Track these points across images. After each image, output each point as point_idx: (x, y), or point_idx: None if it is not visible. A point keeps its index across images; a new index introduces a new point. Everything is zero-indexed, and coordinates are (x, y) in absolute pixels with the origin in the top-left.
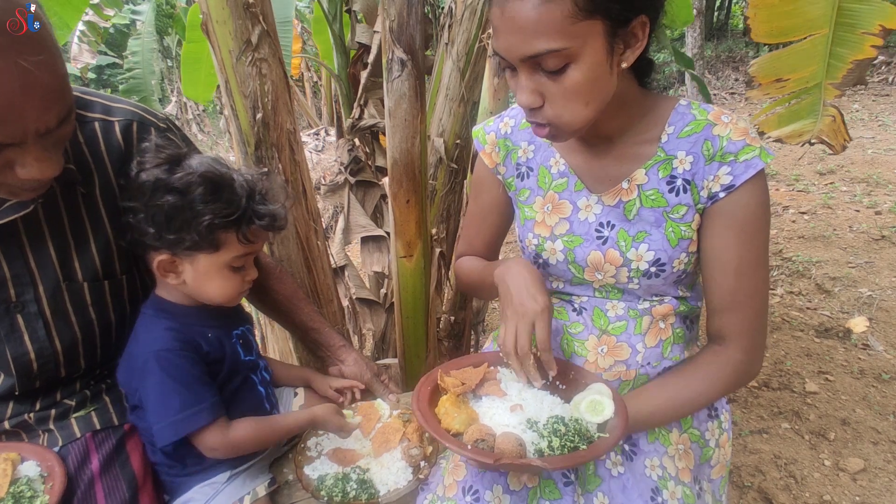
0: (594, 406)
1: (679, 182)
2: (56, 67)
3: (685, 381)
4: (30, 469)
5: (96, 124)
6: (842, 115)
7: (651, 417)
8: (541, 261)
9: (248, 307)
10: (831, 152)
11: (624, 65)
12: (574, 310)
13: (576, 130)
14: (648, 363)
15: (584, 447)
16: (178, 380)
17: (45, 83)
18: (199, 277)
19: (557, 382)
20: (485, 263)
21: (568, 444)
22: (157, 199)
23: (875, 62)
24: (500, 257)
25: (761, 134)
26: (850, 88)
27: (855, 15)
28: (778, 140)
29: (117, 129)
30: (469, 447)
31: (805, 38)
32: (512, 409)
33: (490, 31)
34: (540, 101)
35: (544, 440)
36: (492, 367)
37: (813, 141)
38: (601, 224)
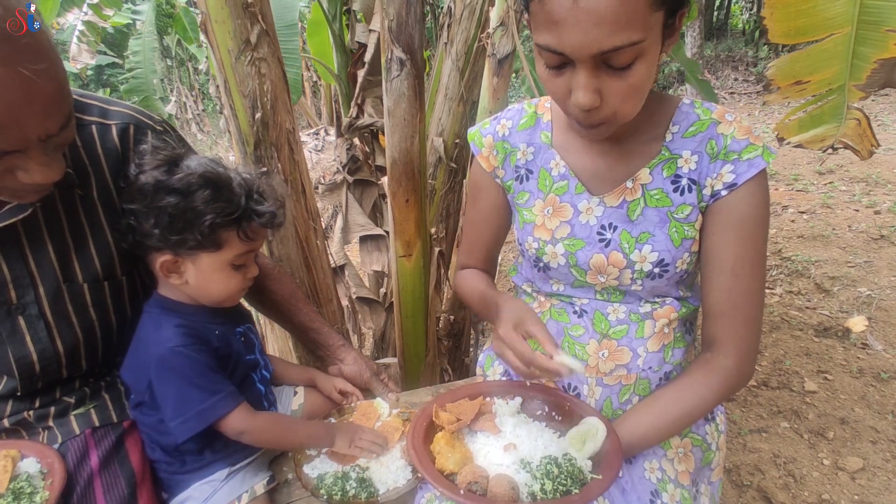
0: (587, 443)
1: (684, 182)
2: (57, 75)
3: (675, 396)
4: (30, 466)
5: (93, 127)
6: (867, 118)
7: (644, 439)
8: (541, 264)
9: (248, 307)
10: (859, 158)
11: (663, 56)
12: (575, 312)
13: (623, 125)
14: (650, 367)
15: (577, 490)
16: (196, 372)
17: (47, 91)
18: (202, 276)
19: (553, 413)
20: (484, 288)
21: (560, 487)
22: (159, 200)
23: None
24: (499, 259)
25: (781, 140)
26: (878, 91)
27: (878, 12)
28: (799, 146)
29: (114, 132)
30: (462, 491)
31: (825, 37)
32: (505, 449)
33: (489, 30)
34: (600, 100)
35: (537, 482)
36: (487, 399)
37: (837, 146)
38: (603, 226)
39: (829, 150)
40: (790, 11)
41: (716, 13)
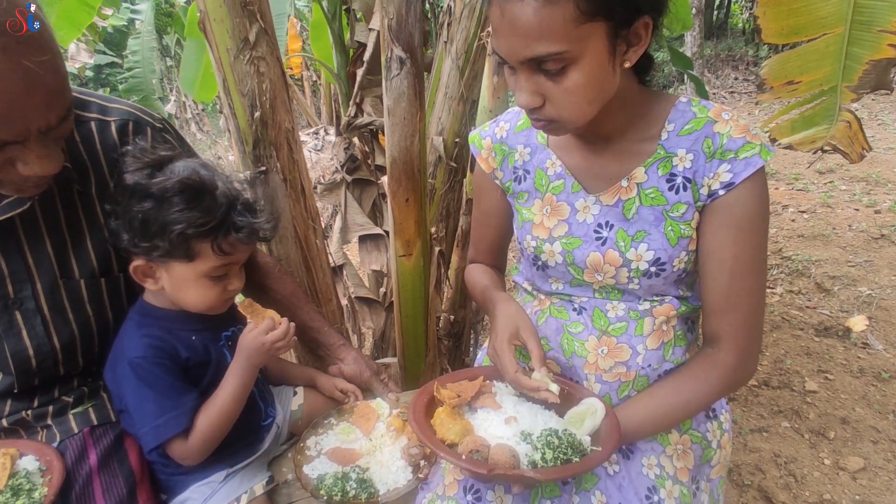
0: (586, 420)
1: (679, 180)
2: (58, 67)
3: (675, 388)
4: (29, 463)
5: (92, 124)
6: (859, 120)
7: (642, 426)
8: (539, 262)
9: None
10: (842, 162)
11: (627, 64)
12: (574, 309)
13: (577, 127)
14: (649, 365)
15: (577, 459)
16: (151, 387)
17: (48, 83)
18: (176, 285)
19: None
20: (486, 285)
21: (561, 456)
22: (134, 204)
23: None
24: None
25: (773, 141)
26: (871, 93)
27: (870, 11)
28: (788, 147)
29: (113, 128)
30: (463, 457)
31: (818, 37)
32: (507, 422)
33: (489, 28)
34: (540, 101)
35: (538, 452)
36: (487, 381)
37: (826, 148)
38: (600, 225)
39: (819, 153)
40: (783, 10)
41: (715, 12)
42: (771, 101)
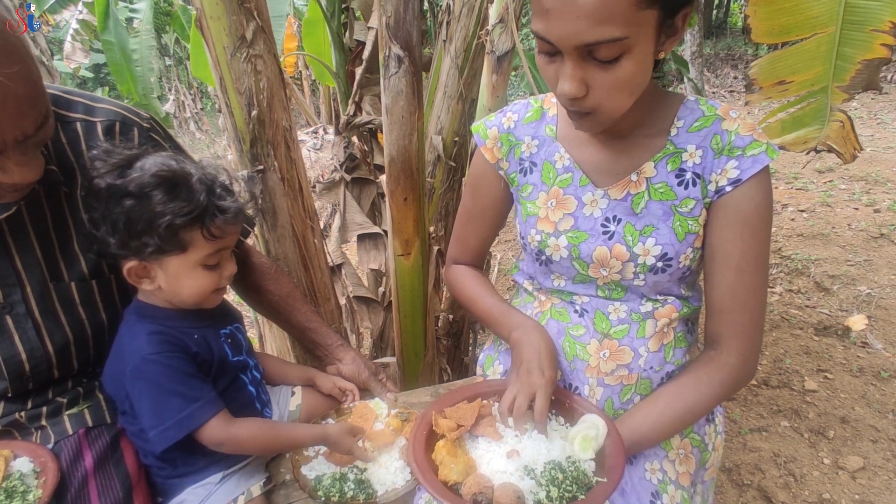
0: (588, 442)
1: (689, 175)
2: (30, 76)
3: (679, 393)
4: (23, 465)
5: (78, 124)
6: (851, 120)
7: (648, 435)
8: (543, 257)
9: (246, 307)
10: (840, 161)
11: (661, 55)
12: (576, 311)
13: (614, 120)
14: (651, 367)
15: (583, 496)
16: (172, 380)
17: (20, 94)
18: (172, 280)
19: (554, 411)
20: (495, 303)
21: (566, 493)
22: (114, 206)
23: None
24: (498, 258)
25: None
26: (862, 93)
27: (863, 11)
28: (781, 147)
29: (99, 129)
30: None
31: (809, 36)
32: (509, 456)
33: (489, 26)
34: (585, 91)
35: (542, 489)
36: (485, 402)
37: (819, 148)
38: (607, 219)
39: (812, 153)
40: (773, 9)
41: (715, 11)
42: (760, 101)
